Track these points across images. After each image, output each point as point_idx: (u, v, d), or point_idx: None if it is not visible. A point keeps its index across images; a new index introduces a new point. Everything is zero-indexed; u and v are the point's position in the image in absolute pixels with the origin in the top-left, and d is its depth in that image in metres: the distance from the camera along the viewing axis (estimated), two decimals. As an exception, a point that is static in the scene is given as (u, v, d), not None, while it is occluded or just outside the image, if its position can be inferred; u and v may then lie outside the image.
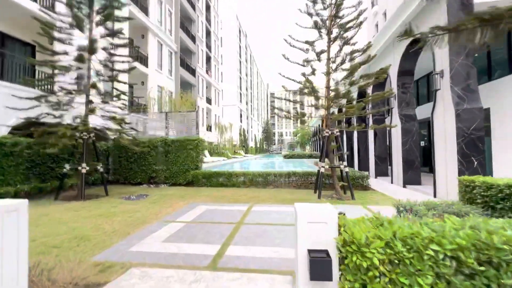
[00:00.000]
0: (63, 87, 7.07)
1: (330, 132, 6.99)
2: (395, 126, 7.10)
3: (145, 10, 15.51)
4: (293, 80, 7.57)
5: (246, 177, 9.06)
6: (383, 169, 11.95)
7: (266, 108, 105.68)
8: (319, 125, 34.32)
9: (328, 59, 7.20)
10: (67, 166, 7.02)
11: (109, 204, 6.25)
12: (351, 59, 6.81)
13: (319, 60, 6.99)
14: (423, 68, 12.15)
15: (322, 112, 7.45)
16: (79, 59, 6.77)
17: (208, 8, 29.39)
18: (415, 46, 8.82)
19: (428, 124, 12.78)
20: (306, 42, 7.27)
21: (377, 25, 18.54)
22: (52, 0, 9.81)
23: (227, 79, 43.44)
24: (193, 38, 23.11)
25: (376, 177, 11.88)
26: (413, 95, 9.37)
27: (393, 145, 10.03)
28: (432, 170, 12.52)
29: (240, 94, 48.10)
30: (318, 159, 19.62)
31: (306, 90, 7.60)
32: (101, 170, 7.68)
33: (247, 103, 55.87)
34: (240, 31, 49.22)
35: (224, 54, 43.50)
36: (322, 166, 6.79)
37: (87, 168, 7.00)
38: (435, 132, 7.21)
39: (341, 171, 7.52)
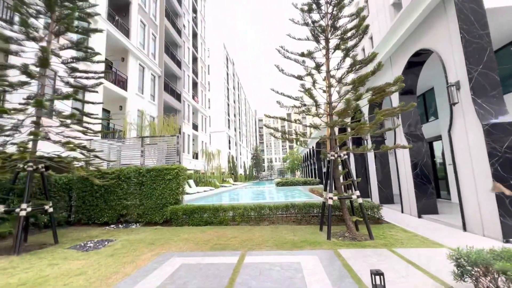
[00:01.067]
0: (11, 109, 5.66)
1: (336, 155, 5.81)
2: (410, 147, 6.03)
3: (126, 32, 14.78)
4: (288, 96, 6.51)
5: (236, 212, 7.57)
6: (387, 196, 10.77)
7: (254, 134, 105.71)
8: (312, 148, 33.56)
9: (328, 71, 6.26)
10: (1, 208, 5.35)
11: (48, 260, 4.57)
12: (356, 70, 5.88)
13: (318, 71, 6.03)
14: (419, 87, 11.67)
15: (325, 132, 6.32)
16: (27, 73, 5.47)
17: (195, 35, 29.59)
18: (416, 60, 8.24)
19: (429, 144, 11.99)
20: (302, 55, 6.35)
21: (363, 49, 18.60)
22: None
23: (215, 106, 42.95)
24: (178, 63, 22.52)
25: (380, 205, 10.63)
26: (417, 113, 8.54)
27: (400, 169, 8.96)
28: (438, 195, 11.47)
29: (228, 120, 47.48)
30: (313, 186, 18.32)
31: (303, 108, 6.55)
32: (50, 210, 6.02)
33: (235, 130, 55.17)
34: (227, 59, 50.07)
35: (212, 81, 43.51)
36: (329, 198, 5.49)
37: (28, 209, 5.35)
38: (456, 152, 6.19)
39: (351, 202, 6.24)
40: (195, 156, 24.93)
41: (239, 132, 60.47)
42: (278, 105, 6.15)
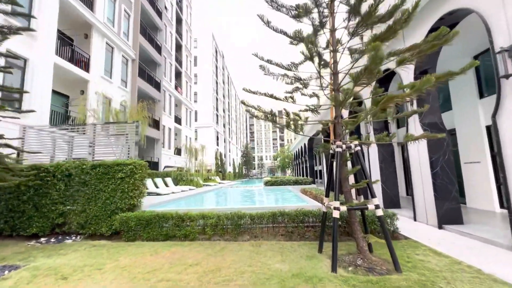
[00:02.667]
0: None
1: (344, 147, 4.05)
2: (443, 136, 4.31)
3: (89, 3, 12.57)
4: (277, 65, 4.67)
5: (207, 222, 5.72)
6: (392, 199, 9.16)
7: (245, 131, 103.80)
8: (303, 146, 31.97)
9: (332, 30, 4.47)
10: None
11: None
12: (371, 24, 4.11)
13: (321, 28, 4.22)
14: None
15: (326, 117, 4.50)
16: None
17: (179, 21, 27.30)
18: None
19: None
20: (298, 7, 4.51)
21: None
22: None
23: (202, 99, 40.71)
24: (158, 48, 20.29)
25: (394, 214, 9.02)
26: (437, 97, 6.91)
27: (412, 167, 7.33)
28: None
29: (217, 115, 45.34)
30: (305, 186, 16.66)
31: (297, 84, 4.77)
32: None
33: (224, 126, 53.07)
34: (216, 51, 47.80)
35: (200, 73, 41.17)
36: (335, 208, 3.72)
37: None
38: (505, 143, 4.55)
39: (363, 213, 4.50)
40: (177, 151, 22.84)
41: (229, 128, 58.41)
42: (263, 71, 4.31)
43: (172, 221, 5.78)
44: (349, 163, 4.73)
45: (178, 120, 25.18)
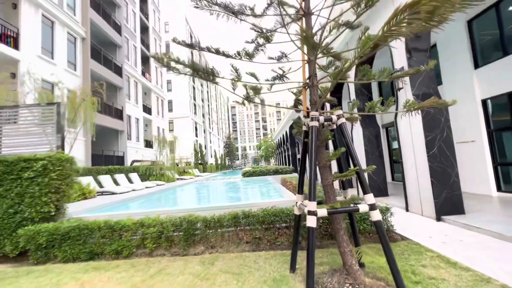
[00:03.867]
0: None
1: (322, 119, 2.73)
2: (455, 103, 3.08)
3: (14, -36, 10.23)
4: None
5: (147, 231, 4.28)
6: (380, 186, 8.16)
7: (227, 122, 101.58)
8: (285, 133, 30.92)
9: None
10: None
11: None
12: None
13: None
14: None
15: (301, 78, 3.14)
16: None
17: (144, -1, 24.54)
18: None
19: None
20: None
21: None
22: None
23: (177, 88, 38.19)
24: (117, 28, 17.87)
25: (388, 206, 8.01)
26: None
27: (404, 149, 6.24)
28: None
29: (195, 105, 43.02)
30: (286, 175, 15.54)
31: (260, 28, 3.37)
32: None
33: (203, 116, 50.81)
34: (191, 37, 44.89)
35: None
36: (309, 212, 2.42)
37: None
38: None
39: (351, 216, 3.25)
40: (149, 144, 20.85)
41: (209, 118, 56.16)
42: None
43: (99, 233, 4.28)
44: (331, 145, 3.43)
45: (147, 109, 22.96)
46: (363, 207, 2.48)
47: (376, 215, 2.45)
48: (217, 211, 4.62)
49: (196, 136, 41.55)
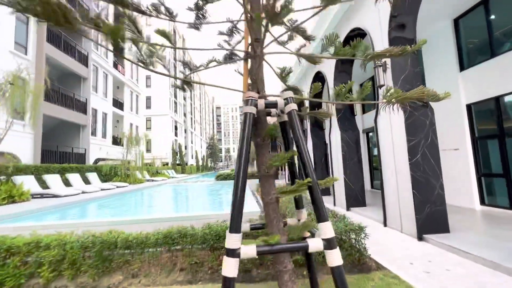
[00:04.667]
0: None
1: (263, 103, 1.75)
2: (448, 96, 2.27)
3: None
4: None
5: (44, 254, 3.17)
6: (357, 196, 7.42)
7: (211, 122, 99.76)
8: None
9: None
10: None
11: None
12: None
13: None
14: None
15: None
16: None
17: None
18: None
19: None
20: None
21: None
22: None
23: (156, 84, 36.42)
24: (81, 9, 16.27)
25: (348, 209, 7.26)
26: (418, 63, 5.03)
27: (383, 155, 5.49)
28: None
29: (175, 103, 41.28)
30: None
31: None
32: None
33: (185, 115, 49.06)
34: (174, 32, 43.23)
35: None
36: (228, 252, 1.42)
37: None
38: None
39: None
40: (117, 141, 19.18)
41: (191, 118, 54.41)
42: None
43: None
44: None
45: (119, 104, 21.27)
46: (315, 243, 1.55)
47: (335, 258, 1.52)
48: (153, 225, 3.59)
49: (176, 135, 39.84)
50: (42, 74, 11.57)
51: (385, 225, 5.40)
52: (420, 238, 4.41)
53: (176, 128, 40.05)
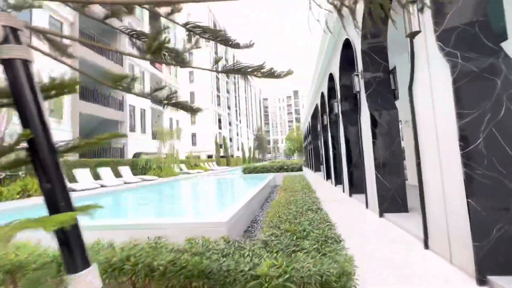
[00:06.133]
0: None
1: None
2: None
3: None
4: None
5: None
6: (395, 196, 5.50)
7: (259, 114, 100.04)
8: (309, 124, 27.74)
9: None
10: None
11: None
12: None
13: None
14: None
15: None
16: None
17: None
18: None
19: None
20: None
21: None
22: None
23: (199, 79, 37.40)
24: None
25: (381, 215, 5.42)
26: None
27: (420, 139, 3.62)
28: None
29: (218, 96, 41.97)
30: (292, 173, 13.06)
31: None
32: None
33: (229, 108, 49.73)
34: (214, 25, 43.53)
35: (195, 52, 37.33)
36: None
37: None
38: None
39: None
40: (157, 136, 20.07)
41: (236, 110, 55.01)
42: None
43: None
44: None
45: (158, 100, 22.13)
46: None
47: None
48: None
49: (220, 128, 40.62)
50: (76, 75, 12.33)
51: (426, 246, 3.58)
52: (482, 281, 2.59)
53: (219, 121, 40.82)
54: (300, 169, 13.14)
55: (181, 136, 16.88)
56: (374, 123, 5.71)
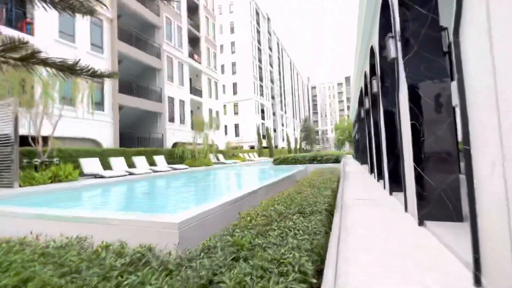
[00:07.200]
0: None
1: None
2: None
3: (25, -50, 10.58)
4: None
5: None
6: (444, 201, 3.99)
7: (307, 103, 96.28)
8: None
9: None
10: None
11: None
12: None
13: None
14: None
15: None
16: None
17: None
18: None
19: None
20: None
21: None
22: None
23: (241, 70, 37.21)
24: (154, 9, 17.55)
25: (421, 223, 3.98)
26: None
27: (470, 115, 2.22)
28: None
29: (261, 86, 41.26)
30: (323, 165, 11.56)
31: None
32: None
33: (273, 98, 48.64)
34: (257, 13, 42.45)
35: (237, 41, 37.26)
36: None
37: None
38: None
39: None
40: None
41: (281, 100, 53.59)
42: None
43: None
44: None
45: (196, 91, 22.69)
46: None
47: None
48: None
49: (263, 119, 40.09)
50: (116, 69, 13.14)
51: (477, 282, 2.25)
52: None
53: (262, 111, 40.26)
54: (337, 161, 11.62)
55: (220, 126, 16.84)
56: (413, 98, 4.21)
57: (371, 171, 12.05)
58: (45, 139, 8.58)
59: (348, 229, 3.78)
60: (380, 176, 9.38)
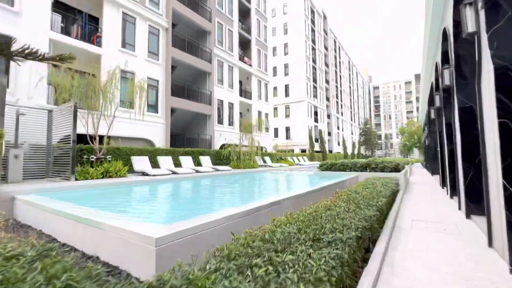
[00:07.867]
0: None
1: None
2: None
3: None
4: None
5: None
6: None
7: (368, 105, 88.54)
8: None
9: None
10: None
11: None
12: None
13: None
14: None
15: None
16: None
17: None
18: None
19: None
20: None
21: None
22: None
23: (293, 71, 36.17)
24: (206, 15, 18.20)
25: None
26: None
27: None
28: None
29: (315, 87, 39.36)
30: (376, 174, 9.81)
31: None
32: None
33: (328, 99, 45.96)
34: (312, 11, 40.73)
35: (290, 42, 36.36)
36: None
37: None
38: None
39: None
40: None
41: (337, 102, 50.33)
42: None
43: None
44: None
45: (246, 94, 22.78)
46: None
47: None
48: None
49: (316, 121, 38.17)
50: (169, 74, 14.05)
51: None
52: None
53: (316, 113, 38.36)
54: (397, 170, 9.82)
55: (269, 129, 16.51)
56: (503, 85, 2.91)
57: (443, 183, 9.84)
58: (102, 138, 9.51)
59: (394, 268, 2.73)
60: (454, 191, 7.43)
